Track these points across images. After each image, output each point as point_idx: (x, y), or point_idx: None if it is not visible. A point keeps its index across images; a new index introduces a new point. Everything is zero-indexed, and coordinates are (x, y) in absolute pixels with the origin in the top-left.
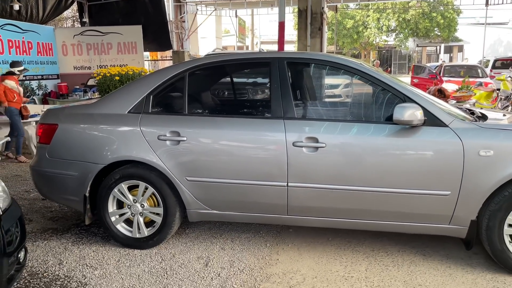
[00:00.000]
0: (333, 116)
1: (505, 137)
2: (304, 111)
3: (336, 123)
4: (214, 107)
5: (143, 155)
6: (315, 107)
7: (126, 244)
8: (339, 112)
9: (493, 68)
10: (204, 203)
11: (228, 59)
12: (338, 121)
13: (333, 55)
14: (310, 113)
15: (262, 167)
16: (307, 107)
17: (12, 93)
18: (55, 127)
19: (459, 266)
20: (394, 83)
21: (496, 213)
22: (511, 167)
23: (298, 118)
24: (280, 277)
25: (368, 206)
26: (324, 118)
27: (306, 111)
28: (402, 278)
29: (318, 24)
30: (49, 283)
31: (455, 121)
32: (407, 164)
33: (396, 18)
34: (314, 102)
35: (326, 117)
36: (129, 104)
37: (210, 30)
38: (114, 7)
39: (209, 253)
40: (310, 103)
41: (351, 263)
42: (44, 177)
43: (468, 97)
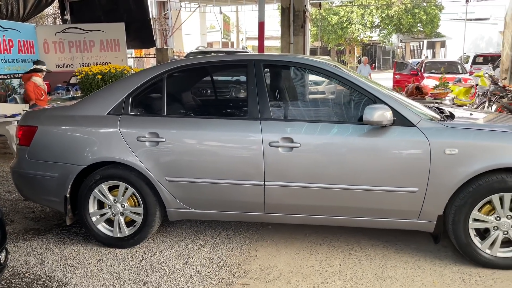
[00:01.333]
0: (307, 117)
1: (469, 136)
2: (280, 112)
3: (311, 124)
4: (192, 108)
5: (122, 156)
6: (290, 108)
7: (107, 243)
8: (314, 113)
9: (473, 64)
10: (183, 202)
11: (205, 61)
12: (313, 122)
13: (308, 58)
14: (285, 114)
15: (239, 166)
16: (283, 108)
17: (39, 91)
18: (35, 129)
19: (428, 259)
20: (365, 84)
21: (462, 208)
22: (474, 164)
23: (274, 119)
24: (258, 273)
25: (341, 203)
26: (299, 119)
27: (282, 112)
28: (374, 271)
29: (301, 22)
30: (31, 283)
31: (422, 121)
32: (378, 162)
33: (380, 14)
34: (290, 103)
35: (301, 117)
36: (108, 106)
37: (194, 26)
38: (96, 4)
39: (189, 251)
40: (286, 104)
41: (326, 258)
42: (25, 178)
43: (445, 94)
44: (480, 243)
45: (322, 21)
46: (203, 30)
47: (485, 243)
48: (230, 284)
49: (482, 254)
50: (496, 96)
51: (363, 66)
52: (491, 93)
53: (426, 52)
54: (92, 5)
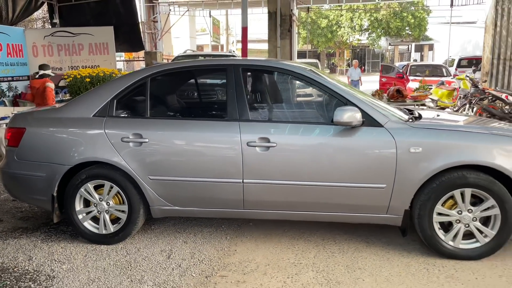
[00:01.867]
0: (283, 118)
1: (432, 135)
2: (258, 113)
3: (286, 125)
4: (174, 110)
5: (107, 156)
6: (268, 110)
7: (93, 240)
8: (290, 114)
9: (458, 67)
10: (166, 200)
11: (187, 65)
12: (288, 123)
13: (285, 63)
14: (263, 115)
15: (219, 165)
16: (260, 110)
17: (53, 96)
18: (23, 130)
19: (397, 251)
20: (337, 87)
21: (426, 203)
22: (437, 162)
23: (252, 120)
24: (236, 266)
25: (315, 199)
26: (275, 120)
27: (259, 113)
28: (345, 263)
29: (287, 26)
30: (19, 277)
31: (389, 122)
32: (349, 160)
33: (368, 17)
34: (267, 105)
35: (278, 119)
36: (94, 108)
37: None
38: (85, 8)
39: (172, 246)
40: (264, 106)
41: (301, 252)
42: (13, 178)
43: (425, 97)
44: (443, 236)
45: (312, 25)
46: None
47: (448, 236)
48: (209, 276)
49: (446, 246)
50: (476, 98)
51: (353, 69)
52: (472, 95)
53: (414, 55)
54: (81, 9)
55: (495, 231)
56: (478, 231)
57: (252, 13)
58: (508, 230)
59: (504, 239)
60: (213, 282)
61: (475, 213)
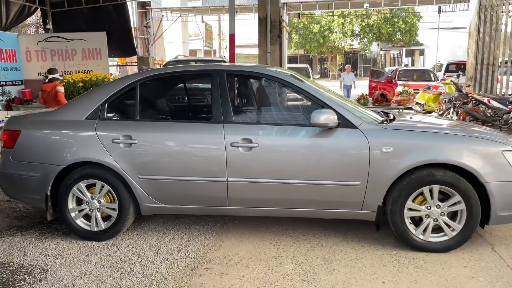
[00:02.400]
0: (265, 120)
1: (402, 136)
2: (241, 116)
3: (267, 126)
4: (162, 113)
5: (99, 156)
6: (250, 113)
7: (85, 237)
8: (271, 116)
9: (446, 72)
10: (154, 198)
11: (175, 71)
12: (269, 124)
13: (267, 69)
14: (245, 117)
15: (205, 165)
16: (243, 112)
17: (64, 99)
18: (18, 132)
19: (372, 245)
20: (315, 91)
21: (398, 199)
22: (407, 161)
23: (236, 122)
24: (221, 259)
25: (295, 196)
26: (258, 122)
27: (242, 116)
28: (323, 256)
29: (277, 32)
30: (15, 271)
31: (363, 124)
32: (326, 159)
33: (360, 23)
34: (249, 108)
35: (260, 121)
36: (86, 111)
37: (176, 35)
38: (78, 14)
39: (160, 242)
40: (246, 109)
41: (283, 246)
42: (9, 178)
43: (408, 101)
44: (414, 230)
45: (304, 30)
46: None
47: (418, 230)
48: (195, 269)
49: (416, 239)
50: (459, 102)
51: (346, 74)
52: (456, 99)
53: (405, 60)
54: (74, 14)
55: (461, 225)
56: (446, 225)
57: (244, 18)
58: (473, 224)
59: (469, 232)
60: (198, 274)
61: (443, 208)
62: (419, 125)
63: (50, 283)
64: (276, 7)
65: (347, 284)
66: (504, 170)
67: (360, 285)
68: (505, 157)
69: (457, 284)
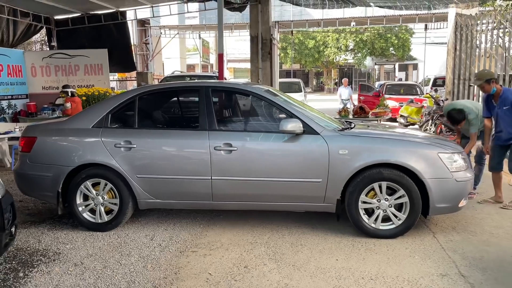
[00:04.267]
0: (243, 128)
1: (355, 141)
2: (223, 124)
3: (245, 133)
4: (157, 122)
5: (103, 159)
6: (231, 121)
7: (91, 228)
8: (248, 125)
9: (434, 86)
10: (150, 194)
11: (168, 87)
12: (247, 131)
13: (245, 85)
14: (227, 126)
15: (192, 165)
16: (225, 121)
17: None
18: (35, 139)
19: (334, 233)
20: (285, 104)
21: (353, 194)
22: (359, 161)
23: (218, 130)
24: (205, 245)
25: (268, 192)
26: (237, 129)
27: (224, 124)
28: (291, 241)
29: (268, 49)
30: (32, 253)
31: (324, 131)
32: (293, 160)
33: (354, 38)
34: (230, 118)
35: (238, 128)
36: (92, 121)
37: (174, 51)
38: (81, 32)
39: (155, 232)
40: (228, 119)
41: (258, 235)
42: (26, 178)
43: (384, 113)
44: (367, 219)
45: (299, 45)
46: (183, 54)
47: (371, 219)
48: (183, 252)
49: (369, 227)
50: (437, 115)
51: (344, 88)
52: (434, 112)
53: (399, 74)
54: (77, 32)
55: (405, 215)
56: (393, 215)
57: (240, 35)
58: (415, 214)
59: (412, 221)
60: (185, 255)
61: (390, 201)
62: (371, 131)
63: (62, 262)
64: (267, 26)
65: (307, 261)
66: (439, 169)
67: (318, 261)
68: (440, 158)
69: (396, 261)
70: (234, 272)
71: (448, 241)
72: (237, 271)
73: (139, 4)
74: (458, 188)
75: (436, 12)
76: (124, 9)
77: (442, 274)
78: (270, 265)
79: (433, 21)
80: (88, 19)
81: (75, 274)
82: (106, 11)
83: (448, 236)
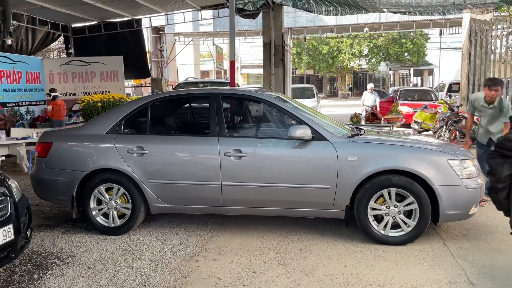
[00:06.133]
0: (253, 134)
1: (364, 147)
2: (233, 130)
3: (255, 139)
4: (169, 128)
5: (116, 164)
6: (241, 128)
7: (104, 231)
8: (258, 131)
9: (449, 91)
10: (161, 199)
11: (179, 94)
12: (256, 138)
13: (255, 91)
14: (237, 132)
15: (202, 171)
16: (235, 127)
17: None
18: (51, 144)
19: (343, 239)
20: (294, 110)
21: (362, 200)
22: (368, 168)
23: (229, 136)
24: (215, 249)
25: (277, 197)
26: (247, 136)
27: (234, 130)
28: (300, 247)
29: (280, 55)
30: (47, 256)
31: (333, 137)
32: (302, 166)
33: (367, 44)
34: (240, 124)
35: (248, 135)
36: (106, 127)
37: (188, 57)
38: (97, 40)
39: (166, 237)
40: (237, 125)
41: (268, 240)
42: (42, 182)
43: (396, 119)
44: (376, 226)
45: (313, 51)
46: (197, 61)
47: (380, 226)
48: (193, 256)
49: (378, 233)
50: (451, 121)
51: (368, 93)
52: (448, 118)
53: (414, 79)
54: (94, 40)
55: (415, 222)
56: (402, 222)
57: (253, 41)
58: (425, 221)
59: (422, 228)
60: (195, 259)
61: (399, 208)
62: (381, 138)
63: (76, 264)
64: (279, 32)
65: (315, 267)
66: (449, 175)
67: (326, 267)
68: (450, 165)
69: (405, 268)
70: (243, 277)
71: (458, 248)
72: (245, 276)
73: (154, 12)
74: (468, 195)
75: (451, 18)
76: (140, 17)
77: (450, 281)
78: (278, 271)
79: (448, 26)
80: (104, 27)
81: (87, 277)
82: (122, 19)
83: (459, 244)
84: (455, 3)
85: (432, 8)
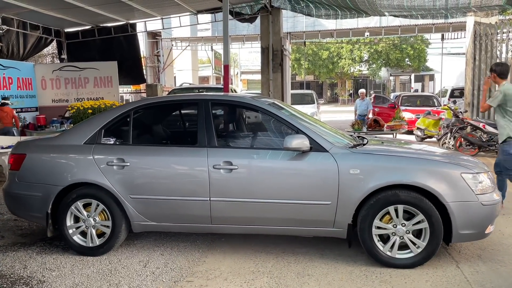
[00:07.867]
0: (245, 145)
1: (368, 159)
2: (223, 140)
3: (246, 150)
4: (153, 138)
5: (95, 178)
6: (231, 137)
7: (81, 252)
8: (250, 141)
9: (451, 97)
10: (144, 216)
11: (164, 100)
12: (248, 148)
13: (248, 98)
14: (227, 142)
15: (190, 185)
16: (225, 137)
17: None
18: (24, 156)
19: (345, 261)
20: (291, 119)
21: (366, 218)
22: (373, 182)
23: (218, 146)
24: (203, 273)
25: (272, 215)
26: (238, 146)
27: (224, 140)
28: (297, 271)
29: (279, 60)
30: (14, 281)
31: (333, 148)
32: (299, 180)
33: (368, 49)
34: (231, 133)
35: (240, 145)
36: (85, 137)
37: (186, 63)
38: (91, 45)
39: (149, 257)
40: (228, 134)
41: (262, 262)
42: (14, 198)
43: (400, 126)
44: (382, 246)
45: (313, 56)
46: (195, 66)
47: (386, 246)
48: (177, 281)
49: (384, 255)
50: (456, 128)
51: (360, 101)
52: (453, 124)
53: (415, 85)
54: (87, 45)
55: (425, 242)
56: (411, 242)
57: (252, 46)
58: (436, 241)
59: (433, 249)
60: (179, 286)
61: (407, 227)
62: (386, 148)
63: None
64: (278, 37)
65: None
66: (463, 191)
67: None
68: (464, 179)
69: None
70: None
71: (474, 272)
72: None
73: (149, 16)
74: (484, 213)
75: (453, 22)
76: (134, 21)
77: None
78: None
79: (450, 30)
80: (98, 31)
81: None
82: (116, 23)
83: (474, 267)
84: (459, 6)
85: (435, 11)
